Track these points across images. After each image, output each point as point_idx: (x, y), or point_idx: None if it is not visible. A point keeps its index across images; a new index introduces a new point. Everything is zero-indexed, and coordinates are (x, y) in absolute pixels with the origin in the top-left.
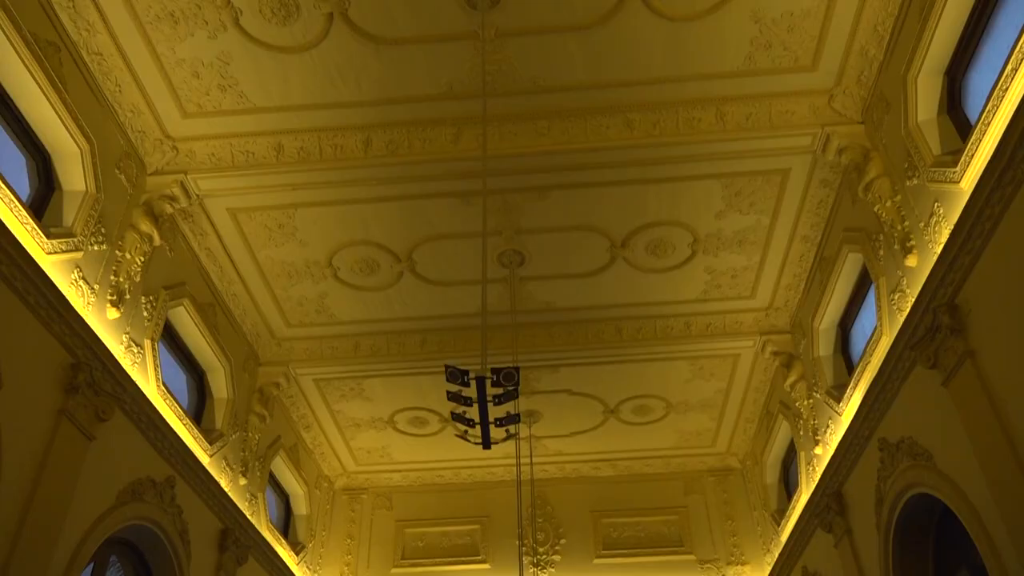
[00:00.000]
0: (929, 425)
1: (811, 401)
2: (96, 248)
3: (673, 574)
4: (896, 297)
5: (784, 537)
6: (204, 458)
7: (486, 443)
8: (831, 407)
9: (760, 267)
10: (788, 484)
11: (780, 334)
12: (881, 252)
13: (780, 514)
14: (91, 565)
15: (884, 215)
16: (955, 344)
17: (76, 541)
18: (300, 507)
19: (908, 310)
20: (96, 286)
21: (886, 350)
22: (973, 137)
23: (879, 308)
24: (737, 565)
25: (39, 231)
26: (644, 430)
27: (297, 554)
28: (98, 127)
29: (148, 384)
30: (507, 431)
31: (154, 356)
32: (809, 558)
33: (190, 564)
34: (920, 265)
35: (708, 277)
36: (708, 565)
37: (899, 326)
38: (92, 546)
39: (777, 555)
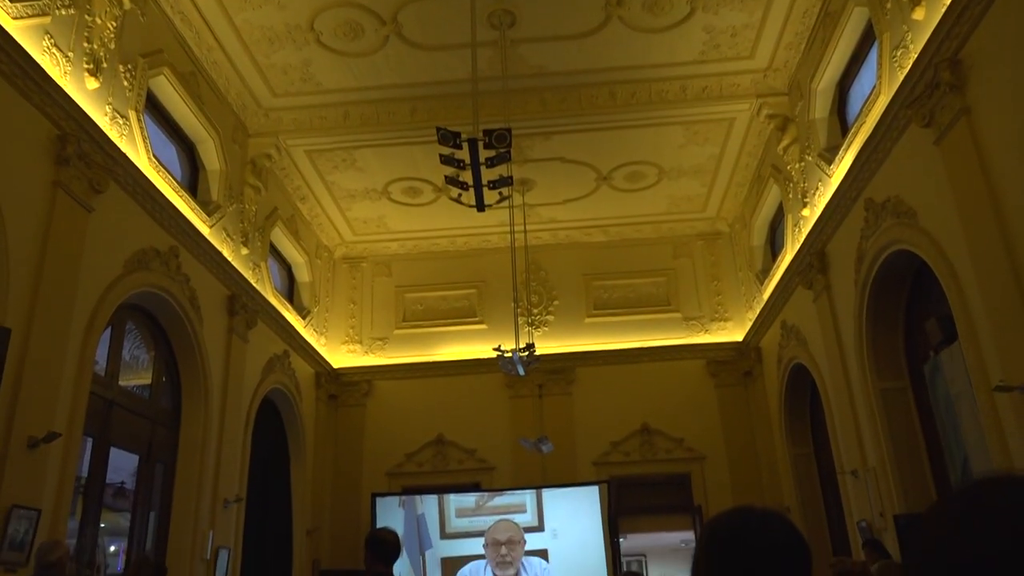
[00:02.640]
0: (916, 185)
1: (803, 164)
2: (64, 12)
3: (659, 330)
4: (899, 54)
5: (766, 295)
6: (204, 229)
7: (480, 206)
8: (822, 169)
9: (761, 24)
10: (774, 246)
11: (777, 96)
12: (888, 5)
13: (764, 274)
14: (109, 329)
15: None
16: (952, 101)
17: (91, 307)
18: (302, 275)
19: (909, 67)
20: (70, 54)
21: (882, 109)
22: None
23: (880, 66)
24: (720, 321)
25: None
26: (636, 196)
27: (303, 318)
28: None
29: (139, 156)
30: (500, 194)
31: (141, 127)
32: (788, 313)
33: (203, 327)
34: (927, 18)
35: (707, 37)
36: (693, 322)
37: (898, 83)
38: (107, 311)
39: (758, 311)
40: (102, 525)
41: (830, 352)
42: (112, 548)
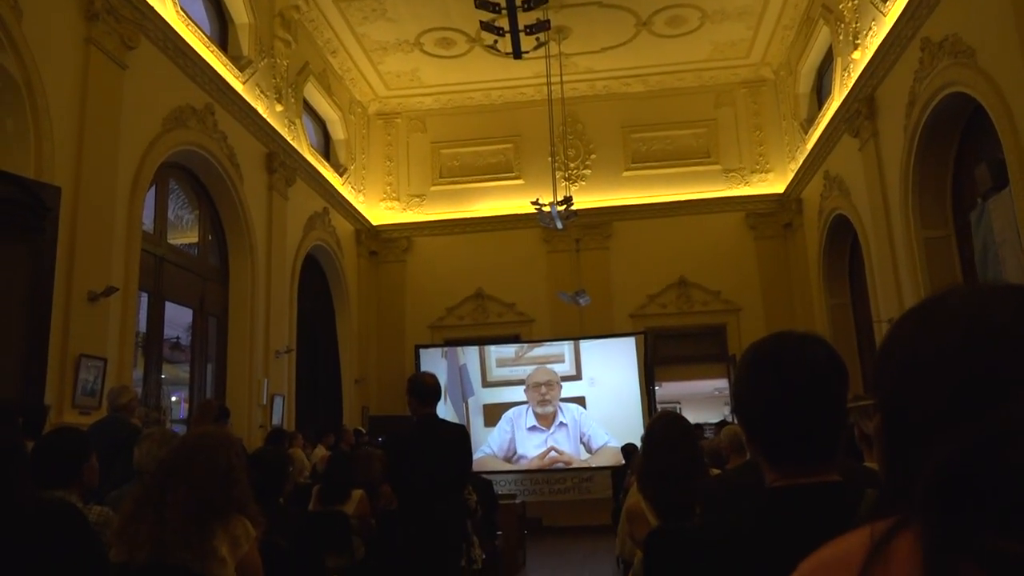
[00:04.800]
0: (977, 22)
1: (856, 2)
2: None
3: (698, 183)
4: None
5: (810, 145)
6: (237, 85)
7: (516, 52)
8: (876, 7)
9: None
10: (820, 93)
11: None
12: None
13: (809, 123)
14: (153, 188)
15: None
16: None
17: (135, 165)
18: (337, 132)
19: None
20: None
21: None
22: None
23: None
24: (761, 173)
25: None
26: (677, 43)
27: (341, 176)
28: None
29: (166, 9)
30: (537, 39)
31: None
32: (832, 163)
33: (243, 185)
34: None
35: None
36: (733, 174)
37: None
38: (150, 169)
39: (801, 162)
40: (163, 376)
41: (873, 202)
42: (174, 398)
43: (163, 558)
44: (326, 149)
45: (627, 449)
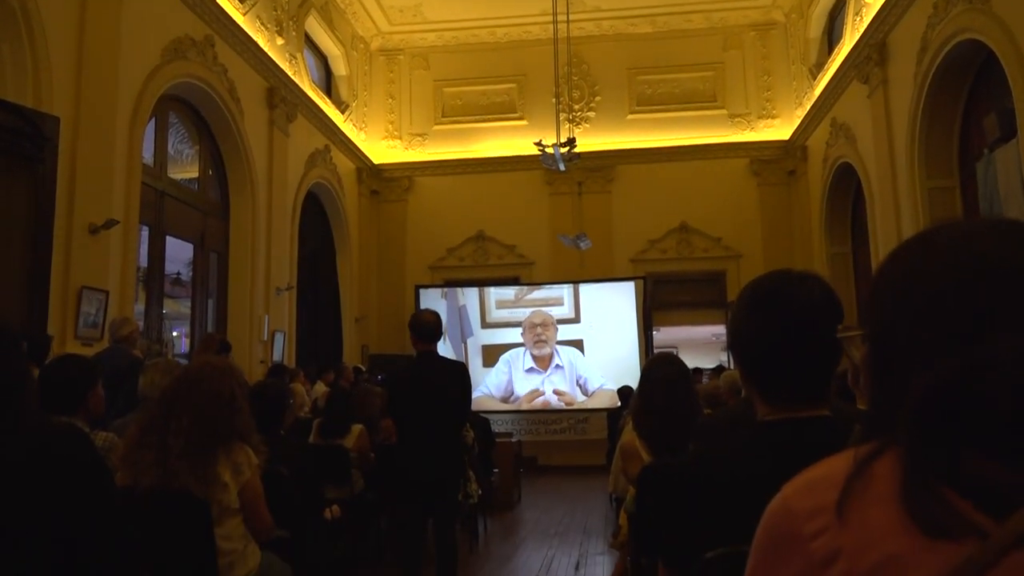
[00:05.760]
0: None
1: None
2: None
3: (704, 128)
4: None
5: (818, 91)
6: (238, 16)
7: None
8: None
9: None
10: (831, 37)
11: None
12: None
13: (818, 68)
14: (153, 121)
15: None
16: None
17: (134, 96)
18: (339, 68)
19: None
20: None
21: None
22: None
23: None
24: (767, 119)
25: None
26: None
27: (342, 113)
28: None
29: None
30: None
31: None
32: (839, 110)
33: (244, 120)
34: None
35: None
36: (739, 119)
37: None
38: (150, 101)
39: (808, 108)
40: (164, 311)
41: (879, 150)
42: (175, 333)
43: (167, 483)
44: (328, 85)
45: (623, 391)
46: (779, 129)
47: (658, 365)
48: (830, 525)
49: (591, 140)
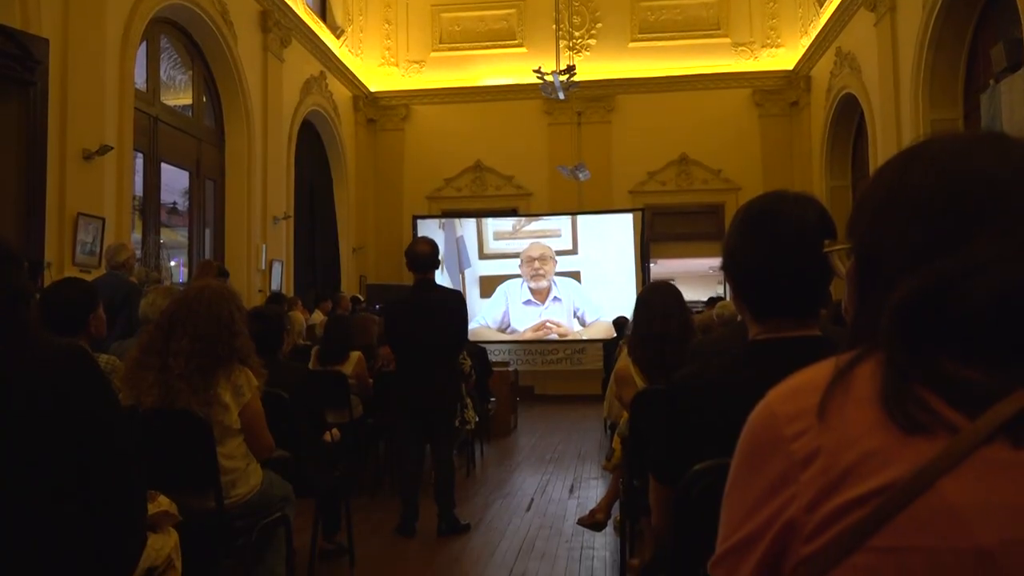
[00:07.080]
0: None
1: None
2: None
3: (706, 56)
4: None
5: (824, 19)
6: None
7: None
8: None
9: None
10: None
11: None
12: None
13: None
14: (144, 45)
15: None
16: None
17: (124, 18)
18: None
19: None
20: None
21: None
22: None
23: None
24: (771, 48)
25: None
26: None
27: (338, 38)
28: None
29: None
30: None
31: None
32: (845, 39)
33: (237, 44)
34: None
35: None
36: (742, 48)
37: None
38: (140, 23)
39: (814, 37)
40: (162, 241)
41: (884, 80)
42: (173, 263)
43: (169, 403)
44: (322, 9)
45: (618, 322)
46: (783, 59)
47: (654, 292)
48: (811, 426)
49: (591, 68)
